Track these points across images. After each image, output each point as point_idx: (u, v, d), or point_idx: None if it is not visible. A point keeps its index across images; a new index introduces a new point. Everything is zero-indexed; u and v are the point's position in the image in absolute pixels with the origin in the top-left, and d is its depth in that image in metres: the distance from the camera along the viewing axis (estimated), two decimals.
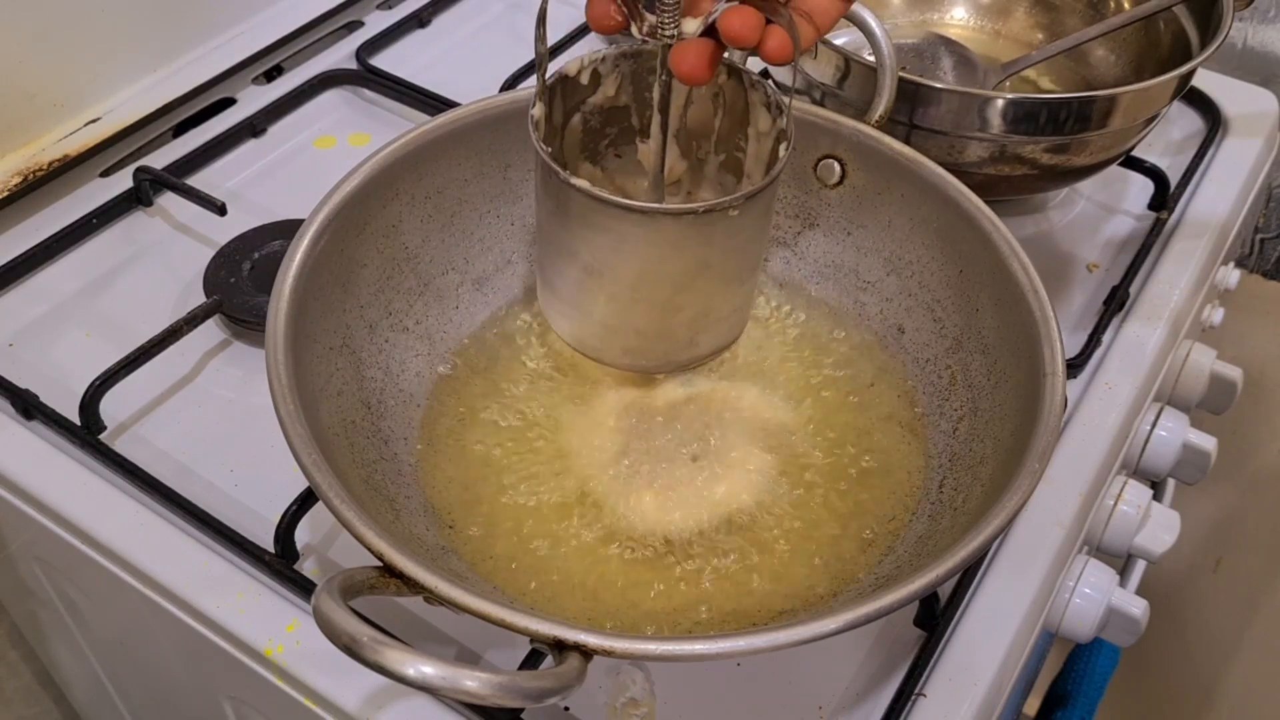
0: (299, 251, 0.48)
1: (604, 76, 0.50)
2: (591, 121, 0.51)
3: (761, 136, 0.50)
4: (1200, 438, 0.69)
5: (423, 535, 0.47)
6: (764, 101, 0.49)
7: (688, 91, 0.50)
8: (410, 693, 0.48)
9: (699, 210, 0.44)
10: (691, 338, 0.50)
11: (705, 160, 0.53)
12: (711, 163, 0.53)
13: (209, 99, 0.76)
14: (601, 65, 0.50)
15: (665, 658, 0.38)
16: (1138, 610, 0.60)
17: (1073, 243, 0.71)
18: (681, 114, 0.51)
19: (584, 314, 0.50)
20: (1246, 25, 0.91)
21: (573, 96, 0.50)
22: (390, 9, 0.86)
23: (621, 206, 0.44)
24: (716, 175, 0.53)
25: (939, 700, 0.49)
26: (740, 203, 0.45)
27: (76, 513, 0.54)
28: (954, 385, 0.53)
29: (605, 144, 0.53)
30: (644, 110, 0.51)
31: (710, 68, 0.43)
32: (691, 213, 0.44)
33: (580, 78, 0.50)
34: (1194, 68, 0.62)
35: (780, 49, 0.42)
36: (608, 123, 0.52)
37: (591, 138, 0.52)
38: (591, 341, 0.51)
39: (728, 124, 0.51)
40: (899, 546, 0.49)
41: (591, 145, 0.52)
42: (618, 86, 0.50)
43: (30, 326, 0.63)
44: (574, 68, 0.49)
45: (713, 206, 0.44)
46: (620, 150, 0.53)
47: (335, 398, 0.48)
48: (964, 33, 0.77)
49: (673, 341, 0.50)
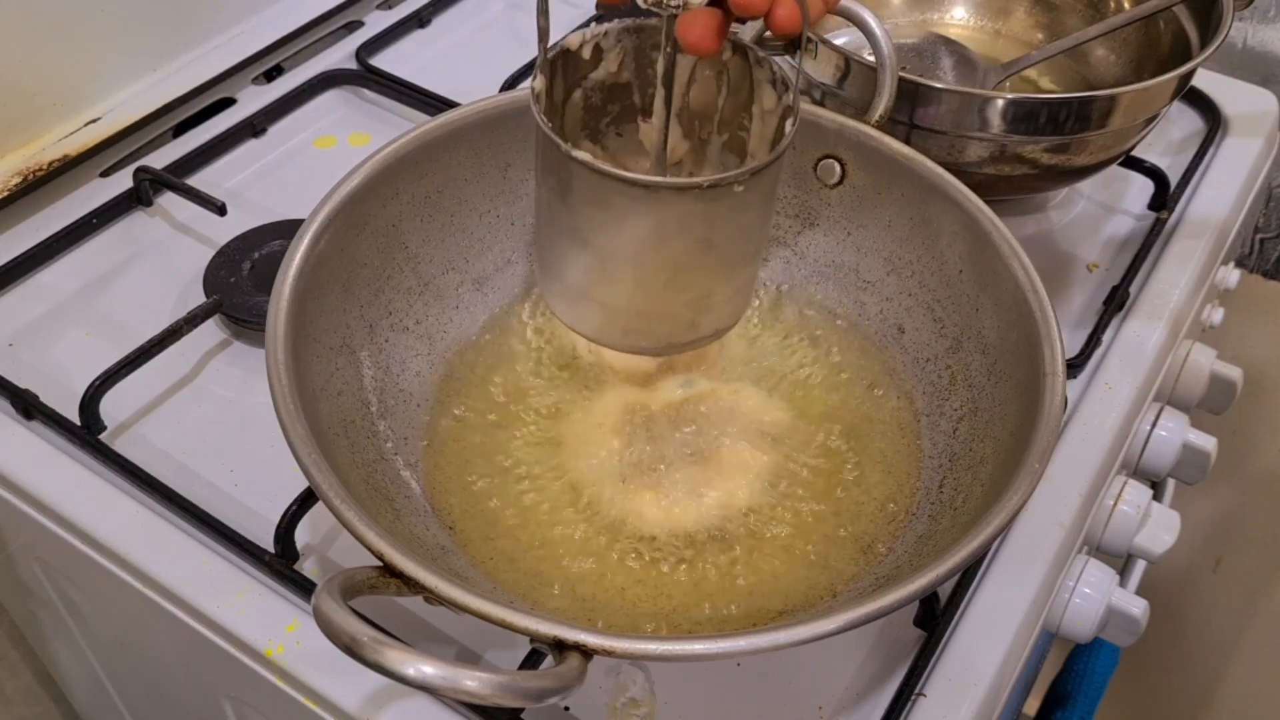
0: (299, 251, 0.48)
1: (606, 51, 0.49)
2: (593, 98, 0.51)
3: (766, 115, 0.49)
4: (1200, 438, 0.69)
5: (423, 535, 0.47)
6: (770, 79, 0.48)
7: (692, 67, 0.49)
8: (410, 693, 0.48)
9: (704, 185, 0.43)
10: (693, 319, 0.49)
11: (708, 141, 0.52)
12: (714, 143, 0.52)
13: (209, 99, 0.76)
14: (604, 40, 0.49)
15: (665, 658, 0.38)
16: (1138, 610, 0.60)
17: (1073, 243, 0.71)
18: (685, 92, 0.50)
19: (583, 294, 0.49)
20: (1246, 25, 0.91)
21: (574, 71, 0.49)
22: (390, 9, 0.86)
23: (624, 180, 0.43)
24: (719, 157, 0.52)
25: (939, 700, 0.49)
26: (746, 178, 0.44)
27: (76, 513, 0.54)
28: (954, 385, 0.53)
29: (606, 122, 0.52)
30: (646, 88, 0.51)
31: (718, 38, 0.42)
32: (696, 187, 0.43)
33: (582, 52, 0.49)
34: (1194, 68, 0.62)
35: (789, 18, 0.41)
36: (609, 100, 0.51)
37: (592, 115, 0.51)
38: (591, 322, 0.50)
39: (731, 104, 0.50)
40: (899, 546, 0.49)
41: (592, 123, 0.52)
42: (620, 62, 0.50)
43: (30, 326, 0.63)
44: (575, 41, 0.48)
45: (718, 181, 0.43)
46: (621, 129, 0.52)
47: (335, 398, 0.48)
48: (964, 33, 0.77)
49: (674, 323, 0.49)
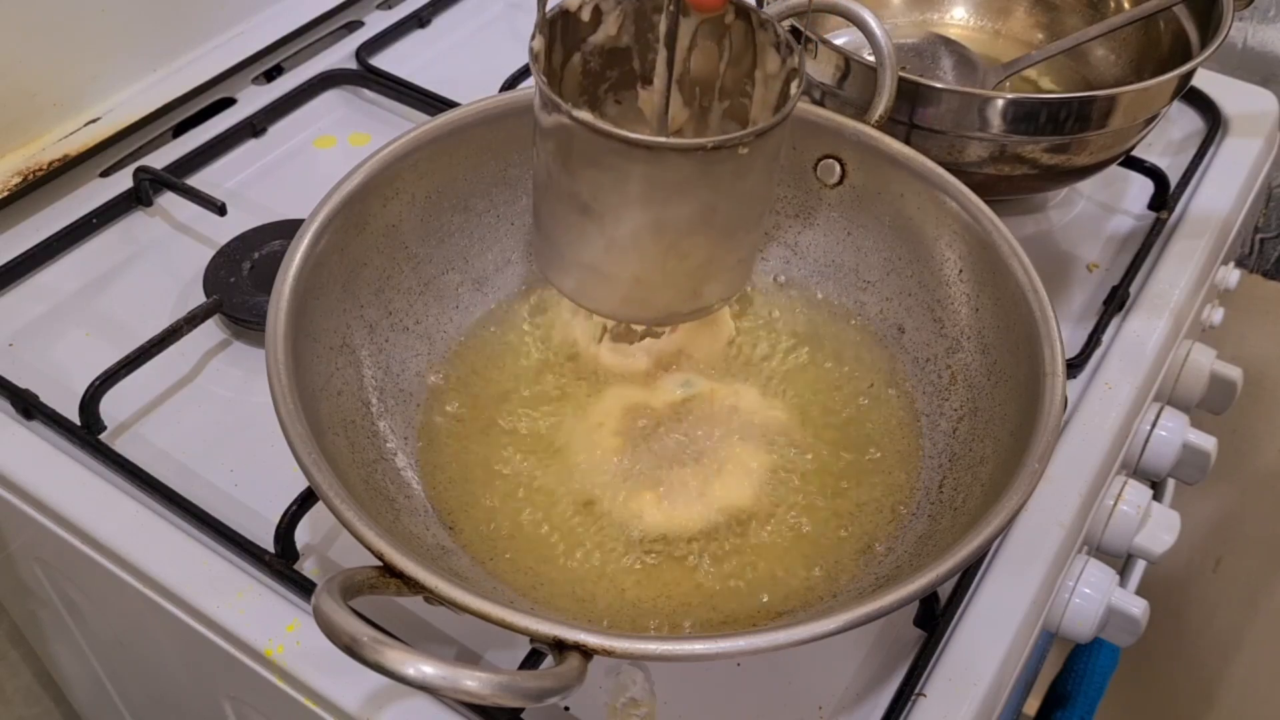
0: (299, 251, 0.48)
1: (605, 14, 0.49)
2: (591, 63, 0.50)
3: (770, 79, 0.48)
4: (1200, 438, 0.69)
5: (423, 535, 0.47)
6: (773, 42, 0.47)
7: (694, 30, 0.49)
8: (410, 693, 0.48)
9: (709, 146, 0.42)
10: (695, 288, 0.48)
11: (709, 109, 0.52)
12: (715, 111, 0.51)
13: (209, 99, 0.76)
14: (603, 2, 0.48)
15: (665, 658, 0.38)
16: (1138, 610, 0.60)
17: (1073, 243, 0.71)
18: (686, 58, 0.50)
19: (583, 263, 0.48)
20: (1246, 25, 0.91)
21: (573, 34, 0.49)
22: (390, 9, 0.86)
23: (627, 140, 0.43)
24: (720, 125, 0.52)
25: (939, 700, 0.49)
26: (751, 139, 0.43)
27: (76, 513, 0.54)
28: (954, 385, 0.53)
29: (605, 88, 0.51)
30: (646, 53, 0.50)
31: None
32: (700, 149, 0.43)
33: (581, 14, 0.48)
34: (1194, 68, 0.62)
35: None
36: (608, 65, 0.51)
37: (591, 80, 0.51)
38: (590, 292, 0.49)
39: (733, 72, 0.50)
40: (899, 546, 0.49)
41: (591, 89, 0.51)
42: (619, 25, 0.49)
43: (30, 326, 0.63)
44: (575, 2, 0.48)
45: (723, 142, 0.43)
46: (620, 96, 0.52)
47: (335, 397, 0.48)
48: (964, 33, 0.77)
49: (675, 292, 0.48)
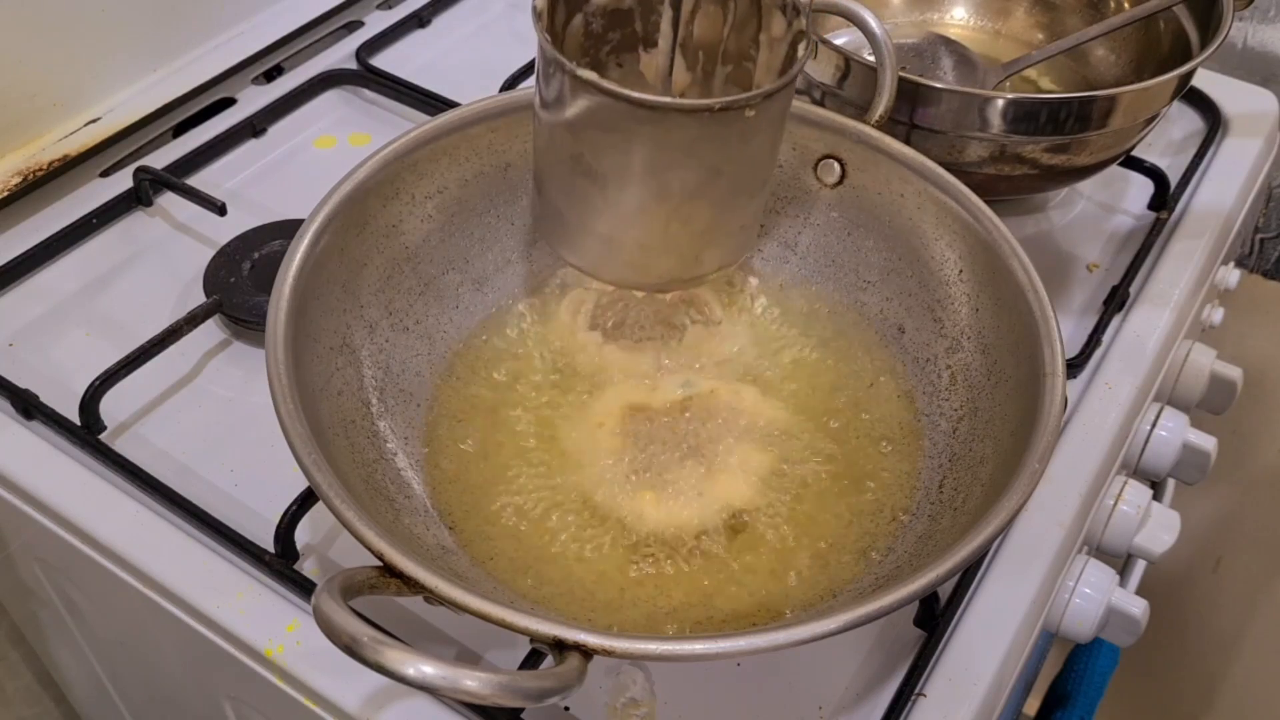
0: (299, 251, 0.48)
1: None
2: (594, 25, 0.50)
3: (775, 43, 0.48)
4: (1200, 438, 0.69)
5: (423, 535, 0.47)
6: (779, 3, 0.47)
7: None
8: (410, 693, 0.48)
9: (715, 107, 0.42)
10: (697, 253, 0.48)
11: (712, 74, 0.51)
12: (719, 76, 0.51)
13: (209, 99, 0.76)
14: None
15: (665, 658, 0.38)
16: (1138, 610, 0.60)
17: (1073, 243, 0.71)
18: (689, 20, 0.49)
19: (584, 226, 0.48)
20: (1246, 25, 0.91)
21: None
22: (390, 9, 0.86)
23: (631, 100, 0.42)
24: (723, 90, 0.51)
25: (939, 700, 0.49)
26: (759, 100, 0.43)
27: (76, 513, 0.54)
28: (954, 385, 0.53)
29: (607, 51, 0.51)
30: (649, 15, 0.50)
31: None
32: (706, 109, 0.42)
33: None
34: (1194, 68, 0.62)
35: None
36: (610, 27, 0.50)
37: (593, 43, 0.50)
38: (591, 257, 0.49)
39: (737, 37, 0.49)
40: (899, 546, 0.49)
41: (593, 51, 0.51)
42: None
43: (30, 326, 0.63)
44: None
45: (729, 104, 0.42)
46: (622, 59, 0.51)
47: (335, 397, 0.48)
48: (964, 33, 0.77)
49: (678, 256, 0.48)
